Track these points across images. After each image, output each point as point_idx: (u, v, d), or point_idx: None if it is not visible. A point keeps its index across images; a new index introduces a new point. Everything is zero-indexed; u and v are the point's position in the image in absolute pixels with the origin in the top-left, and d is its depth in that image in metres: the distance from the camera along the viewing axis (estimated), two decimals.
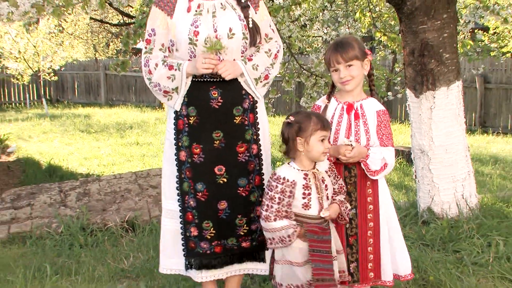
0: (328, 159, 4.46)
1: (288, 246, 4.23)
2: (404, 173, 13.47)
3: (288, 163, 4.33)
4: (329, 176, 4.37)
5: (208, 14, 4.55)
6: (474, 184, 7.23)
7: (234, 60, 4.56)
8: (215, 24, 4.53)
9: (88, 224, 7.82)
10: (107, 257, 6.77)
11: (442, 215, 7.02)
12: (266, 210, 4.20)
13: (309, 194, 4.26)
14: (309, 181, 4.27)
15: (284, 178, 4.22)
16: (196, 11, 4.54)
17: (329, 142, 4.39)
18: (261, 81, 4.70)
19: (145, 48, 4.64)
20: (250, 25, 4.62)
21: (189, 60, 4.54)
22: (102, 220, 7.93)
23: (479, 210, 7.14)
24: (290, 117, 4.29)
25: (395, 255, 4.65)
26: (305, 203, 4.24)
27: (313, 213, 4.26)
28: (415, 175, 7.36)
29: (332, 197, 4.35)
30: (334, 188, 4.38)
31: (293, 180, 4.22)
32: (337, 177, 4.43)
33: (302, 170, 4.27)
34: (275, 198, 4.19)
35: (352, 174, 4.52)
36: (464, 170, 7.12)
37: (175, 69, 4.51)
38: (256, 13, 4.70)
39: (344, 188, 4.44)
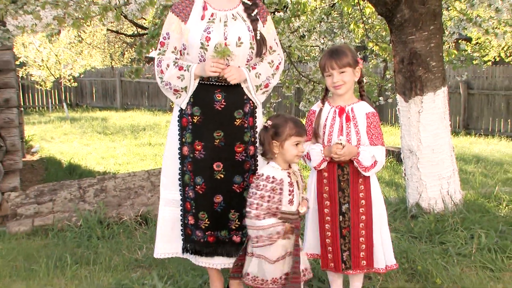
0: (323, 159, 4.49)
1: (273, 242, 4.23)
2: (394, 171, 13.46)
3: (268, 163, 4.35)
4: (299, 174, 4.45)
5: (220, 23, 4.58)
6: (458, 182, 7.23)
7: (239, 67, 4.56)
8: (225, 32, 4.56)
9: (105, 218, 7.82)
10: (122, 248, 6.78)
11: (429, 210, 7.02)
12: (256, 209, 4.20)
13: (293, 191, 4.31)
14: (292, 178, 4.32)
15: (273, 177, 4.25)
16: (209, 19, 4.58)
17: (323, 144, 4.43)
18: (261, 89, 4.73)
19: (159, 50, 4.69)
20: (258, 37, 4.66)
21: (198, 63, 4.57)
22: (118, 214, 7.93)
23: (463, 205, 7.14)
24: (268, 121, 4.33)
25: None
26: (290, 199, 4.29)
27: (293, 209, 4.32)
28: (405, 173, 7.35)
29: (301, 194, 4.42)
30: (302, 187, 4.45)
31: (281, 178, 4.26)
32: (302, 178, 4.48)
33: (284, 170, 4.30)
34: (265, 196, 4.21)
35: (345, 172, 4.54)
36: (449, 168, 7.12)
37: (185, 70, 4.56)
38: (263, 26, 4.74)
39: (305, 184, 4.54)
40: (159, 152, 17.40)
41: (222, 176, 4.65)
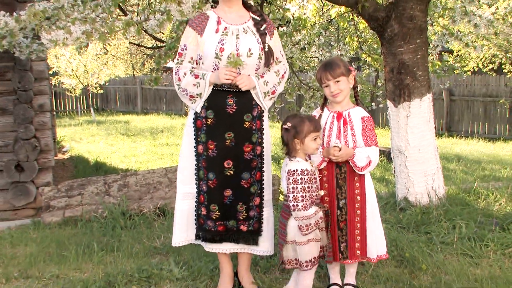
0: (323, 159, 4.51)
1: (318, 225, 4.29)
2: (385, 169, 13.44)
3: (293, 160, 4.33)
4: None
5: (233, 35, 4.59)
6: (441, 178, 7.21)
7: (249, 75, 4.57)
8: (237, 44, 4.57)
9: (127, 210, 7.82)
10: (143, 237, 6.78)
11: (416, 203, 7.01)
12: (302, 201, 4.21)
13: (316, 180, 4.35)
14: (315, 169, 4.37)
15: (306, 170, 4.26)
16: (223, 32, 4.59)
17: (323, 146, 4.47)
18: (268, 95, 4.74)
19: (177, 59, 4.70)
20: (266, 49, 4.67)
21: (212, 71, 4.58)
22: (139, 207, 7.93)
23: (446, 199, 7.14)
24: (288, 123, 4.32)
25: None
26: (317, 186, 4.35)
27: (321, 193, 4.41)
28: (394, 171, 7.34)
29: None
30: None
31: (311, 169, 4.30)
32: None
33: (307, 162, 4.33)
34: (306, 188, 4.23)
35: (342, 171, 4.54)
36: (434, 166, 7.11)
37: (200, 78, 4.56)
38: (271, 39, 4.74)
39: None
40: (175, 152, 17.41)
41: (232, 172, 4.66)
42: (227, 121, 4.65)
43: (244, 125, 4.68)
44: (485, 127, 21.50)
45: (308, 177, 4.25)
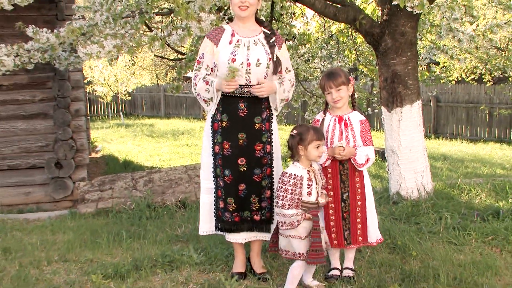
0: (328, 157, 4.53)
1: (295, 227, 4.26)
2: (379, 167, 13.41)
3: (293, 163, 4.38)
4: (318, 171, 4.45)
5: (244, 47, 4.61)
6: (429, 175, 7.19)
7: (272, 82, 4.65)
8: (248, 55, 4.59)
9: (152, 202, 7.83)
10: (166, 226, 6.78)
11: (407, 197, 6.98)
12: (282, 200, 4.25)
13: (311, 184, 4.32)
14: (311, 175, 4.33)
15: (294, 175, 4.28)
16: (235, 44, 4.62)
17: (327, 146, 4.45)
18: (283, 101, 4.79)
19: (195, 67, 4.73)
20: (274, 59, 4.68)
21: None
22: (162, 200, 7.93)
23: (433, 193, 7.11)
24: (294, 130, 4.37)
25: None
26: (308, 191, 4.30)
27: (313, 199, 4.33)
28: (388, 168, 7.32)
29: (321, 189, 4.42)
30: (322, 183, 4.44)
31: (301, 175, 4.29)
32: (322, 176, 4.51)
33: (304, 168, 4.32)
34: (289, 190, 4.25)
35: (345, 168, 4.60)
36: (423, 164, 7.09)
37: (209, 85, 4.61)
38: (279, 51, 4.75)
39: (325, 182, 4.54)
40: (194, 151, 17.43)
41: (245, 169, 4.68)
42: (240, 123, 4.67)
43: (255, 126, 4.70)
44: (468, 130, 21.45)
45: (294, 181, 4.27)
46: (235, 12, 4.69)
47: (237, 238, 4.77)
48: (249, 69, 4.60)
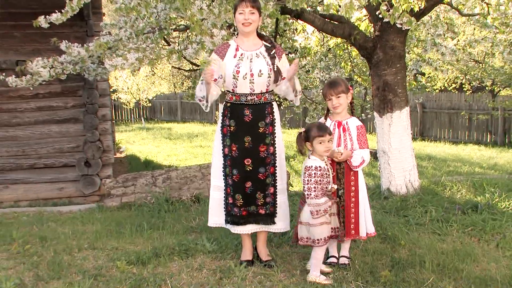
0: (327, 158, 4.51)
1: (327, 213, 4.30)
2: (372, 166, 13.39)
3: (309, 158, 4.38)
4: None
5: (247, 60, 4.63)
6: (416, 173, 7.18)
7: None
8: (250, 66, 4.61)
9: (170, 197, 7.83)
10: (182, 218, 6.78)
11: (396, 193, 6.98)
12: (315, 191, 4.26)
13: (329, 174, 4.35)
14: (328, 166, 4.35)
15: (320, 167, 4.29)
16: (239, 57, 4.63)
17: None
18: (299, 93, 5.01)
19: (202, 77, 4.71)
20: (275, 69, 4.68)
21: (232, 89, 4.68)
22: (178, 195, 7.93)
23: (420, 189, 7.11)
24: (303, 129, 4.42)
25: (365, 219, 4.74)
26: (327, 180, 4.32)
27: (334, 187, 4.41)
28: (379, 167, 7.31)
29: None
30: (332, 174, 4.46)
31: (324, 166, 4.31)
32: (330, 166, 4.50)
33: (322, 160, 4.33)
34: (317, 181, 4.26)
35: (341, 167, 4.60)
36: (410, 164, 7.08)
37: (201, 83, 4.66)
38: (279, 61, 4.76)
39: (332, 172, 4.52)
40: (207, 152, 17.44)
41: (251, 168, 4.69)
42: (245, 128, 4.69)
43: (259, 130, 4.71)
44: (450, 133, 21.46)
45: (321, 173, 4.27)
46: (239, 28, 4.69)
47: (244, 230, 4.78)
48: (252, 79, 4.62)
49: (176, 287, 4.35)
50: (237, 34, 4.90)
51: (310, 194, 4.28)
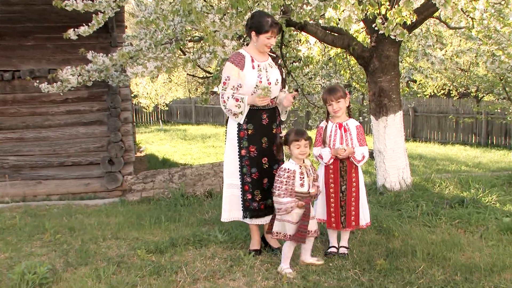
0: (331, 157, 4.56)
1: (289, 213, 4.26)
2: (368, 164, 13.33)
3: (289, 160, 4.41)
4: (310, 167, 4.41)
5: (264, 70, 4.67)
6: (409, 171, 7.15)
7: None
8: (268, 76, 4.67)
9: (185, 193, 7.83)
10: (196, 212, 6.79)
11: (391, 189, 6.95)
12: (278, 190, 4.28)
13: (303, 178, 4.30)
14: (303, 170, 4.31)
15: (288, 169, 4.30)
16: (258, 68, 4.65)
17: (330, 147, 4.46)
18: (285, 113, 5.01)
19: (222, 87, 4.72)
20: (283, 77, 4.79)
21: (250, 95, 4.65)
22: (193, 191, 7.93)
23: (412, 186, 7.08)
24: (281, 136, 4.50)
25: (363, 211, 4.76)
26: (301, 183, 4.28)
27: (304, 190, 4.31)
28: (375, 166, 7.29)
29: (312, 182, 4.39)
30: (314, 177, 4.41)
31: (294, 170, 4.29)
32: (315, 170, 4.49)
33: (297, 164, 4.31)
34: (283, 182, 4.26)
35: (344, 165, 4.62)
36: (403, 162, 7.05)
37: (240, 101, 4.60)
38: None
39: (317, 176, 4.51)
40: (219, 151, 17.44)
41: (267, 166, 4.75)
42: (263, 130, 4.74)
43: (273, 131, 4.79)
44: (439, 135, 21.39)
45: (288, 174, 4.27)
46: (260, 48, 4.67)
47: (262, 221, 4.81)
48: (270, 87, 4.65)
49: (191, 274, 4.34)
50: (247, 44, 4.92)
51: (275, 192, 4.32)
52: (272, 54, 4.83)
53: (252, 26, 4.63)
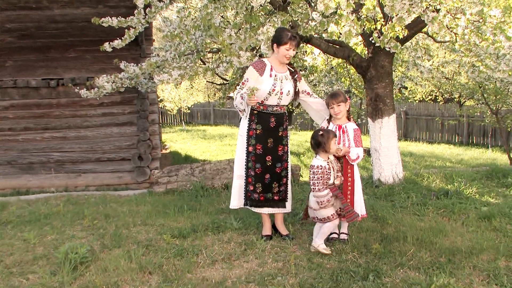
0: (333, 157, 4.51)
1: (330, 202, 4.30)
2: (366, 161, 13.29)
3: (316, 157, 4.37)
4: (334, 161, 4.43)
5: (279, 80, 4.63)
6: (401, 167, 7.11)
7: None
8: (281, 86, 4.63)
9: (205, 185, 7.81)
10: (214, 202, 6.77)
11: (385, 182, 6.91)
12: (317, 185, 4.26)
13: (329, 172, 4.31)
14: (330, 165, 4.32)
15: (322, 166, 4.28)
16: (274, 77, 4.62)
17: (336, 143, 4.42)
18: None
19: (240, 86, 4.73)
20: (296, 90, 4.74)
21: (262, 101, 4.65)
22: (212, 183, 7.92)
23: (403, 180, 7.04)
24: (320, 132, 4.39)
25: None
26: (328, 176, 4.29)
27: (331, 182, 4.34)
28: (372, 162, 7.25)
29: (337, 172, 4.40)
30: (338, 168, 4.43)
31: (324, 166, 4.29)
32: (337, 162, 4.48)
33: (325, 160, 4.31)
34: (320, 177, 4.26)
35: (341, 162, 4.58)
36: (396, 159, 7.01)
37: (243, 100, 4.62)
38: (299, 82, 4.80)
39: (340, 167, 4.49)
40: (235, 149, 17.39)
41: (270, 163, 4.70)
42: (269, 132, 4.70)
43: (279, 134, 4.73)
44: (427, 135, 21.30)
45: (322, 171, 4.26)
46: (281, 58, 4.65)
47: (261, 210, 4.79)
48: (281, 96, 4.65)
49: (210, 256, 4.34)
50: (260, 55, 4.91)
51: (315, 188, 4.28)
52: (291, 69, 4.80)
53: (274, 39, 4.65)
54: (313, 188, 4.31)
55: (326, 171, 4.29)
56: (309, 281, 3.75)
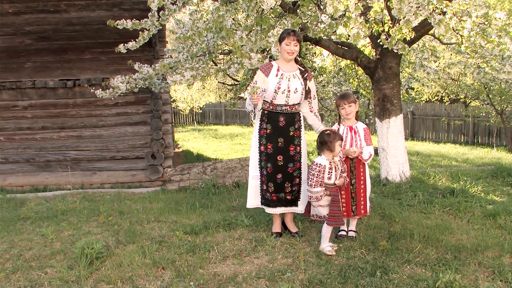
0: (342, 155, 4.49)
1: (320, 200, 4.26)
2: (373, 160, 13.22)
3: (320, 156, 4.34)
4: (339, 162, 4.38)
5: (286, 79, 4.61)
6: (408, 166, 7.08)
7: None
8: (288, 85, 4.59)
9: (216, 183, 7.83)
10: (225, 200, 6.78)
11: (392, 181, 6.89)
12: (311, 181, 4.25)
13: (331, 172, 4.28)
14: (332, 165, 4.28)
15: (319, 164, 4.26)
16: (280, 77, 4.60)
17: (341, 146, 4.37)
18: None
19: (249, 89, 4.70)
20: (306, 88, 4.69)
21: (271, 100, 4.63)
22: (223, 181, 7.93)
23: (410, 178, 7.02)
24: (327, 131, 4.36)
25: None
26: (328, 176, 4.27)
27: (331, 182, 4.29)
28: (379, 161, 7.23)
29: (340, 173, 4.35)
30: (341, 169, 4.37)
31: (324, 165, 4.26)
32: (343, 164, 4.43)
33: (327, 160, 4.27)
34: (315, 174, 4.24)
35: (353, 162, 4.58)
36: (403, 158, 6.99)
37: (250, 100, 4.61)
38: (309, 82, 4.74)
39: (345, 168, 4.45)
40: (245, 148, 17.42)
41: (282, 163, 4.67)
42: (279, 131, 4.67)
43: (290, 133, 4.70)
44: (433, 135, 21.15)
45: (319, 168, 4.25)
46: (284, 55, 4.63)
47: (274, 211, 4.78)
48: (289, 94, 4.61)
49: (221, 252, 4.35)
50: (270, 56, 4.90)
51: (308, 183, 4.31)
52: (301, 68, 4.76)
53: (277, 40, 4.67)
54: (307, 182, 4.37)
55: (322, 171, 4.27)
56: (318, 277, 3.75)
